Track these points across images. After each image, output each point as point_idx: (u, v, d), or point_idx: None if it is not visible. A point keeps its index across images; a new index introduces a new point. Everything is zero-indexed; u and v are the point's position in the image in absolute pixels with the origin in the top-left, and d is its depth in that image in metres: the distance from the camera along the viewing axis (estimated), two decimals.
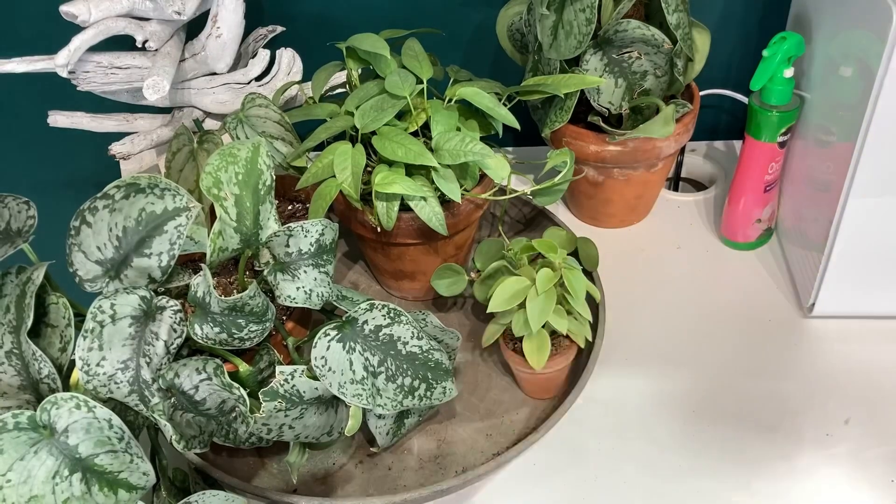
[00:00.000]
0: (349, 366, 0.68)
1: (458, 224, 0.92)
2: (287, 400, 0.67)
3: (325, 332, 0.68)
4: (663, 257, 1.06)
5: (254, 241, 0.69)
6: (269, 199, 0.71)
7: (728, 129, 1.27)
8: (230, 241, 0.68)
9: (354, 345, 0.69)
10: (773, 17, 1.11)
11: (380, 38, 0.91)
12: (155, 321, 0.64)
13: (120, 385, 0.62)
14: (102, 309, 0.62)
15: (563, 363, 0.85)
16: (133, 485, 0.63)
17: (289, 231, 0.70)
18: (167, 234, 0.63)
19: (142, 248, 0.64)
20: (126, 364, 0.62)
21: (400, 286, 0.94)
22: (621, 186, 1.04)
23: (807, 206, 0.96)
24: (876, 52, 0.75)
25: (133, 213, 0.63)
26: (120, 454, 0.62)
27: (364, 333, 0.69)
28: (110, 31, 0.91)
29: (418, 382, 0.70)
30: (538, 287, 0.81)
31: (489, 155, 0.85)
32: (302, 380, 0.68)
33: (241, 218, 0.68)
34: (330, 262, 0.74)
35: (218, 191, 0.67)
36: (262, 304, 0.67)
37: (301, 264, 0.71)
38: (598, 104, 0.96)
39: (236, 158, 0.69)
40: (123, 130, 1.07)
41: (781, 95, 0.93)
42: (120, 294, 0.63)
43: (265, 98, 0.93)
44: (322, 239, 0.72)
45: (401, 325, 0.70)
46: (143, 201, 0.63)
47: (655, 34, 0.92)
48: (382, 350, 0.69)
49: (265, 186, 0.70)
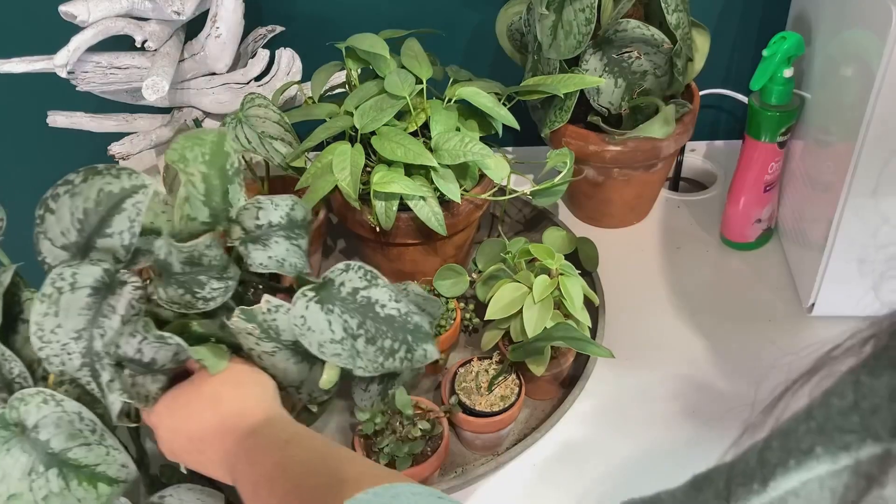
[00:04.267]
0: (328, 325, 0.66)
1: (457, 224, 0.92)
2: (263, 330, 0.66)
3: (304, 292, 0.66)
4: (663, 257, 1.06)
5: (223, 216, 0.69)
6: (237, 181, 0.70)
7: (728, 129, 1.27)
8: (199, 211, 0.68)
9: (333, 307, 0.67)
10: (773, 17, 1.11)
11: (379, 38, 0.91)
12: (115, 295, 0.63)
13: (72, 356, 0.62)
14: (63, 276, 0.62)
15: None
16: (113, 478, 0.63)
17: (258, 203, 0.69)
18: (126, 211, 0.64)
19: (103, 228, 0.64)
20: (80, 334, 0.62)
21: None
22: (621, 186, 1.04)
23: (807, 206, 0.96)
24: (876, 52, 0.75)
25: (92, 195, 0.64)
26: (94, 447, 0.62)
27: (341, 296, 0.68)
28: (109, 32, 0.91)
29: (398, 345, 0.69)
30: (535, 296, 0.81)
31: (489, 155, 0.85)
32: (285, 317, 0.66)
33: (209, 193, 0.68)
34: (302, 237, 0.72)
35: (184, 165, 0.67)
36: (220, 258, 0.66)
37: (272, 235, 0.70)
38: (597, 104, 0.96)
39: (202, 141, 0.70)
40: (123, 130, 1.07)
41: (781, 95, 0.93)
42: (84, 264, 0.63)
43: (265, 98, 0.93)
44: (293, 213, 0.71)
45: (378, 288, 0.69)
46: (101, 182, 0.64)
47: (655, 34, 0.92)
48: (361, 312, 0.68)
49: (233, 168, 0.70)
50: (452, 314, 0.91)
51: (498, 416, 0.81)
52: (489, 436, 0.83)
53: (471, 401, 0.83)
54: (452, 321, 0.91)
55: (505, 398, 0.83)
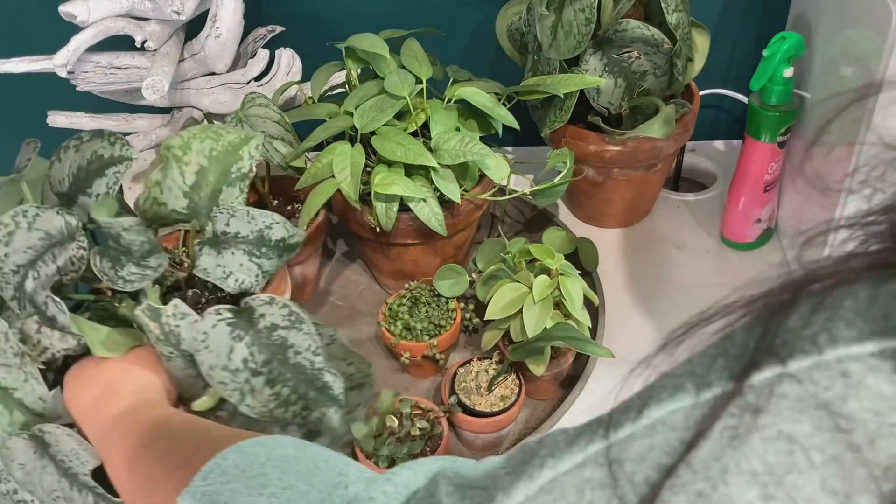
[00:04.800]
0: (228, 352, 0.63)
1: (457, 224, 0.92)
2: (163, 333, 0.64)
3: (219, 310, 0.64)
4: (663, 257, 1.06)
5: (204, 213, 0.68)
6: (239, 186, 0.69)
7: (728, 129, 1.27)
8: (173, 199, 0.68)
9: (244, 334, 0.64)
10: (773, 17, 1.11)
11: (379, 38, 0.91)
12: (62, 246, 0.64)
13: (8, 287, 0.64)
14: (27, 214, 0.64)
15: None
16: (28, 407, 0.64)
17: (232, 210, 0.67)
18: (106, 177, 0.66)
19: (86, 186, 0.67)
20: (19, 269, 0.64)
21: (399, 286, 0.94)
22: (621, 186, 1.04)
23: (807, 206, 0.96)
24: (876, 52, 0.75)
25: (87, 154, 0.67)
26: (14, 370, 0.63)
27: (257, 327, 0.64)
28: (109, 32, 0.91)
29: (296, 398, 0.64)
30: (535, 296, 0.81)
31: (489, 155, 0.85)
32: (190, 328, 0.63)
33: (196, 187, 0.68)
34: (269, 258, 0.69)
35: (182, 153, 0.67)
36: (140, 245, 0.64)
37: (232, 246, 0.68)
38: (597, 104, 0.96)
39: (219, 137, 0.69)
40: (123, 130, 1.07)
41: (781, 95, 0.93)
42: (48, 210, 0.64)
43: (265, 98, 0.93)
44: (267, 232, 0.68)
45: (299, 333, 0.64)
46: (98, 144, 0.67)
47: (655, 34, 0.92)
48: (271, 351, 0.64)
49: (239, 173, 0.69)
50: (452, 314, 0.91)
51: (498, 416, 0.81)
52: (489, 436, 0.83)
53: (471, 401, 0.83)
54: (452, 321, 0.91)
55: (505, 398, 0.83)
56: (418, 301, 0.93)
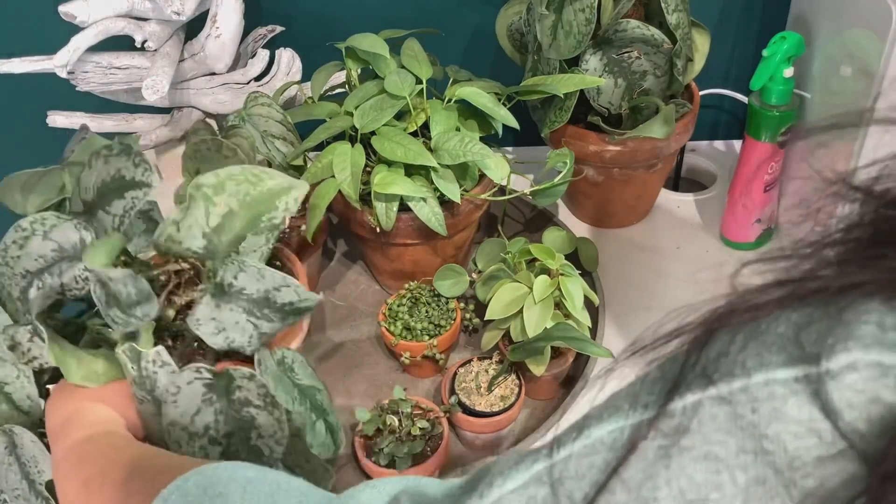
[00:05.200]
0: (194, 413, 0.61)
1: (457, 224, 0.92)
2: (140, 377, 0.62)
3: (199, 368, 0.61)
4: (663, 257, 1.06)
5: (220, 258, 0.65)
6: (266, 237, 0.65)
7: (728, 129, 1.27)
8: (190, 239, 0.63)
9: (217, 400, 0.62)
10: (773, 17, 1.11)
11: (379, 38, 0.91)
12: (70, 262, 0.64)
13: (15, 289, 0.64)
14: (44, 222, 0.63)
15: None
16: (16, 403, 0.64)
17: (242, 265, 0.63)
18: (125, 200, 0.65)
19: (106, 203, 0.66)
20: (27, 276, 0.64)
21: (399, 286, 0.94)
22: (621, 186, 1.04)
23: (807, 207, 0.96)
24: (876, 52, 0.75)
25: (112, 171, 0.65)
26: (8, 365, 0.63)
27: (231, 397, 0.62)
28: (109, 32, 0.91)
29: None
30: (535, 296, 0.81)
31: (489, 155, 0.85)
32: (168, 376, 0.61)
33: (218, 229, 0.64)
34: (270, 321, 0.64)
35: (213, 193, 0.63)
36: (128, 297, 0.61)
37: (234, 301, 0.64)
38: (597, 104, 0.96)
39: (258, 181, 0.64)
40: (123, 131, 1.07)
41: (781, 95, 0.93)
42: (65, 223, 0.64)
43: (267, 97, 0.93)
44: (274, 294, 0.63)
45: (269, 416, 0.62)
46: (123, 163, 0.65)
47: (655, 34, 0.92)
48: (236, 424, 0.62)
49: (270, 223, 0.65)
50: (452, 314, 0.91)
51: (498, 416, 0.81)
52: (489, 436, 0.83)
53: (471, 401, 0.83)
54: (452, 321, 0.91)
55: (505, 398, 0.83)
56: (418, 301, 0.93)
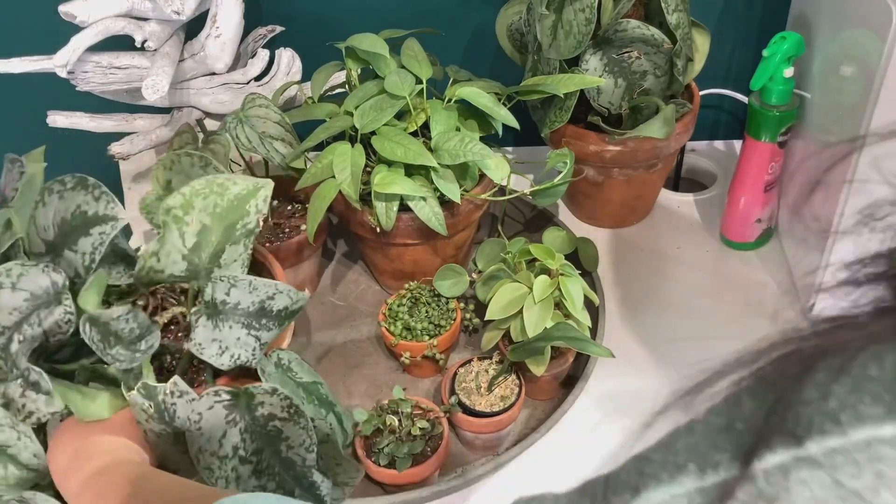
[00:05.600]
0: (220, 436, 0.60)
1: (457, 224, 0.92)
2: (157, 411, 0.61)
3: (218, 391, 0.61)
4: (663, 257, 1.06)
5: (204, 275, 0.64)
6: (244, 243, 0.65)
7: (728, 129, 1.27)
8: (171, 265, 0.63)
9: (240, 419, 0.61)
10: (773, 17, 1.11)
11: (379, 38, 0.91)
12: (48, 308, 0.61)
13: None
14: (10, 274, 0.61)
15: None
16: (24, 464, 0.62)
17: (233, 280, 0.63)
18: (91, 237, 0.62)
19: (70, 242, 0.63)
20: (3, 331, 0.61)
21: (399, 286, 0.94)
22: (621, 186, 1.04)
23: (807, 206, 0.96)
24: (876, 52, 0.75)
25: (71, 207, 0.63)
26: (6, 429, 0.61)
27: (255, 414, 0.61)
28: (109, 31, 0.91)
29: (281, 493, 0.61)
30: (535, 296, 0.81)
31: (489, 155, 0.85)
32: (187, 406, 0.60)
33: (196, 248, 0.64)
34: (268, 330, 0.65)
35: (183, 213, 0.63)
36: (130, 332, 0.61)
37: (231, 318, 0.64)
38: (597, 104, 0.96)
39: (224, 191, 0.64)
40: (122, 130, 1.07)
41: (781, 95, 0.93)
42: (33, 269, 0.61)
43: (265, 98, 0.93)
44: (269, 303, 0.64)
45: (296, 427, 0.61)
46: (83, 198, 0.62)
47: (655, 34, 0.92)
48: (265, 440, 0.61)
49: (244, 229, 0.65)
50: (452, 314, 0.91)
51: (498, 416, 0.81)
52: (489, 436, 0.83)
53: (471, 401, 0.83)
54: (452, 321, 0.91)
55: (505, 398, 0.83)
56: (418, 301, 0.93)
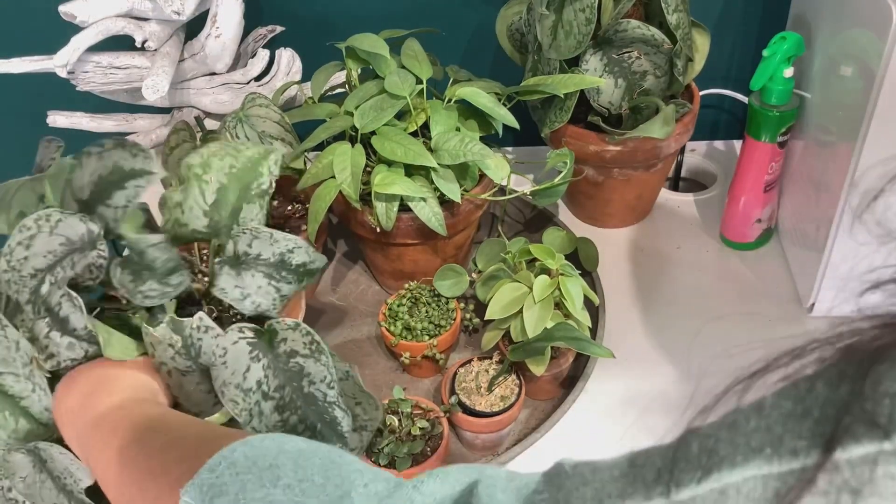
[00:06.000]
0: (244, 370, 0.63)
1: (457, 224, 0.92)
2: (185, 346, 0.63)
3: (242, 328, 0.64)
4: (663, 257, 1.06)
5: (224, 232, 0.68)
6: (259, 203, 0.69)
7: (728, 129, 1.27)
8: (194, 220, 0.67)
9: (262, 356, 0.64)
10: (773, 17, 1.11)
11: (379, 38, 0.91)
12: (82, 253, 0.64)
13: (24, 291, 0.64)
14: (49, 218, 0.63)
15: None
16: (35, 417, 0.63)
17: (255, 232, 0.67)
18: (126, 190, 0.65)
19: (106, 197, 0.66)
20: (37, 273, 0.63)
21: (399, 286, 0.94)
22: (621, 186, 1.04)
23: (807, 206, 0.96)
24: (876, 52, 0.75)
25: (109, 165, 0.66)
26: (22, 380, 0.62)
27: (277, 351, 0.64)
28: (109, 31, 0.91)
29: (303, 428, 0.63)
30: (535, 295, 0.81)
31: (489, 155, 0.85)
32: (212, 341, 0.63)
33: (216, 205, 0.67)
34: (289, 282, 0.69)
35: (202, 172, 0.67)
36: (164, 262, 0.64)
37: (253, 267, 0.68)
38: (597, 104, 0.96)
39: (238, 153, 0.68)
40: (123, 130, 1.07)
41: (781, 95, 0.93)
42: (71, 216, 0.64)
43: (265, 98, 0.93)
44: (289, 256, 0.68)
45: (317, 363, 0.64)
46: (121, 155, 0.65)
47: (655, 34, 0.92)
48: (287, 376, 0.64)
49: (259, 189, 0.69)
50: (452, 314, 0.91)
51: (498, 416, 0.81)
52: (489, 436, 0.83)
53: (471, 401, 0.83)
54: (452, 321, 0.91)
55: (505, 398, 0.83)
56: (418, 301, 0.93)
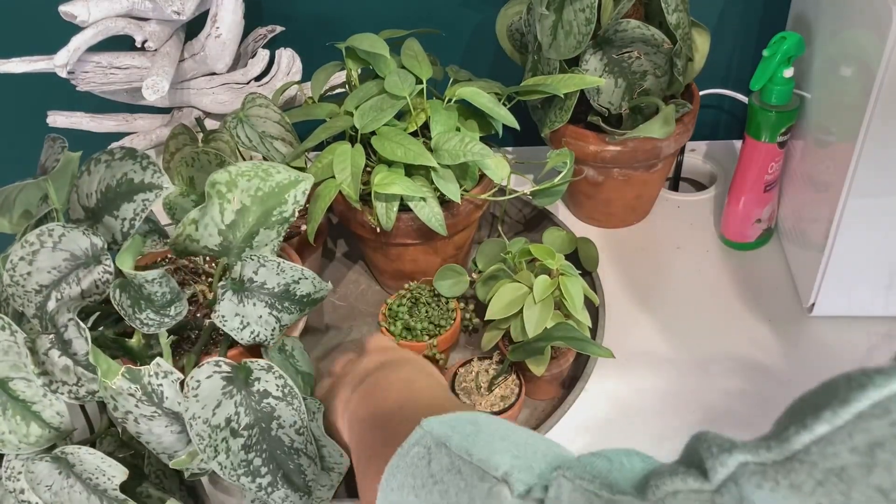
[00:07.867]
0: (215, 406, 0.62)
1: (457, 224, 0.92)
2: (146, 393, 0.63)
3: (219, 362, 0.63)
4: (663, 257, 1.06)
5: (235, 253, 0.67)
6: (277, 230, 0.68)
7: (728, 129, 1.27)
8: (208, 237, 0.66)
9: (236, 393, 0.63)
10: (773, 17, 1.11)
11: (379, 38, 0.91)
12: (87, 269, 0.64)
13: (30, 305, 0.64)
14: (52, 233, 0.63)
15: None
16: (46, 421, 0.63)
17: (263, 260, 0.66)
18: (134, 203, 0.65)
19: (113, 207, 0.66)
20: (42, 289, 0.64)
21: (399, 286, 0.94)
22: (621, 186, 1.04)
23: (807, 206, 0.96)
24: (876, 52, 0.75)
25: (118, 175, 0.65)
26: (33, 385, 0.62)
27: (250, 389, 0.64)
28: (109, 31, 0.91)
29: (265, 471, 0.63)
30: (535, 295, 0.81)
31: (489, 155, 0.85)
32: (172, 386, 0.63)
33: (233, 225, 0.67)
34: (290, 313, 0.69)
35: (226, 190, 0.66)
36: (163, 297, 0.63)
37: (256, 296, 0.67)
38: (597, 104, 0.96)
39: (267, 176, 0.67)
40: (123, 130, 1.07)
41: (781, 95, 0.93)
42: (74, 230, 0.64)
43: (265, 98, 0.93)
44: (294, 287, 0.68)
45: (289, 407, 0.64)
46: (129, 166, 0.65)
47: (655, 34, 0.92)
48: (257, 416, 0.64)
49: (280, 216, 0.68)
50: (452, 314, 0.91)
51: (498, 416, 0.81)
52: None
53: (471, 401, 0.83)
54: (452, 321, 0.91)
55: (505, 398, 0.83)
56: (418, 301, 0.93)
